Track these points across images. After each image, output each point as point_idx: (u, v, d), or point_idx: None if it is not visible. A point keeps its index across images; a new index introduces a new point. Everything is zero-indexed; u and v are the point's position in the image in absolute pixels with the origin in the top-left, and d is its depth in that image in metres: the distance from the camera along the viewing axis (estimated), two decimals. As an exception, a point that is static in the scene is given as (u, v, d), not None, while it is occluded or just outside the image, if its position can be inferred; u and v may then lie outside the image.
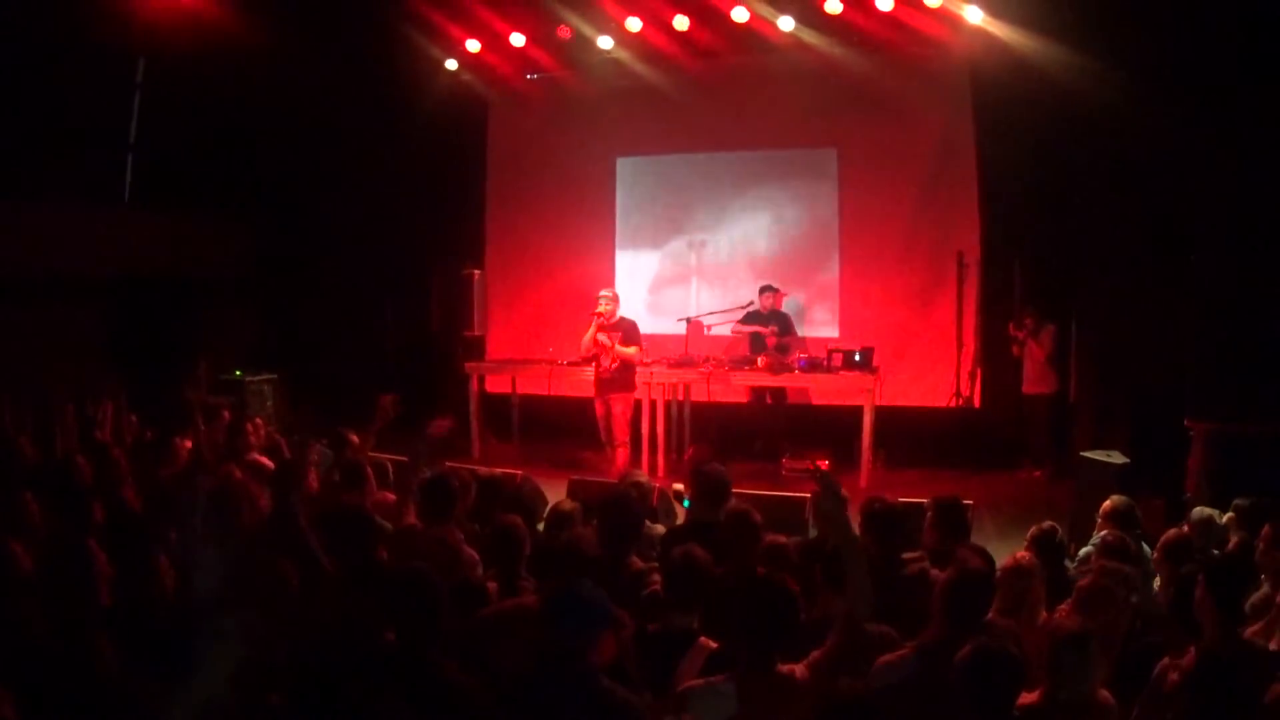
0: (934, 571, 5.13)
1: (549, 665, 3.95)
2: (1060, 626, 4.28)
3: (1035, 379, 12.32)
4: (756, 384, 12.97)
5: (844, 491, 6.46)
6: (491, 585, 5.40)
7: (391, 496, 7.26)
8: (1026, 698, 4.09)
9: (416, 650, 4.19)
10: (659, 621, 4.73)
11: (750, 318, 13.24)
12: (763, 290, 13.31)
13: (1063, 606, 5.30)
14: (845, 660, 4.36)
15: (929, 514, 6.30)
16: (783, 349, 12.87)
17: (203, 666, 4.06)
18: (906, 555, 5.84)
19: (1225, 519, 6.95)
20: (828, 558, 5.06)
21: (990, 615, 5.08)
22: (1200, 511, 7.14)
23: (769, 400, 13.41)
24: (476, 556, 5.79)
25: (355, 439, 8.43)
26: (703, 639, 4.56)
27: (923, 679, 4.23)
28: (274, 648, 4.38)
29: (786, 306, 13.59)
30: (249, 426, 9.20)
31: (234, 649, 4.19)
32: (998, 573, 5.32)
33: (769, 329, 13.09)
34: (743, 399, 13.49)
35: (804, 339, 13.48)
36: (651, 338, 12.88)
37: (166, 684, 4.01)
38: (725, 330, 13.54)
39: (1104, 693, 4.26)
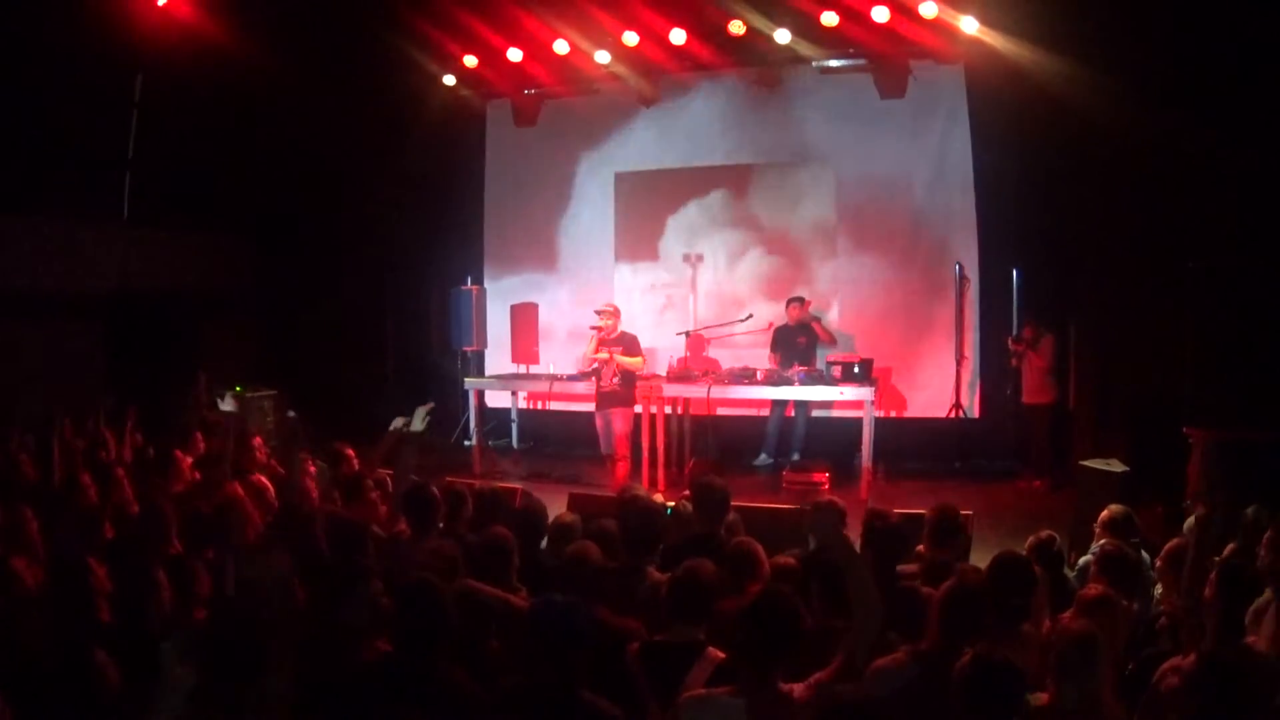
0: (925, 589, 5.11)
1: (531, 677, 4.01)
2: (1066, 629, 4.28)
3: (1035, 389, 12.31)
4: (755, 397, 12.94)
5: (843, 504, 6.49)
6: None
7: (386, 509, 7.31)
8: (1038, 699, 4.10)
9: (423, 659, 4.22)
10: (665, 633, 4.73)
11: (781, 331, 13.27)
12: (790, 302, 13.32)
13: (1065, 616, 5.29)
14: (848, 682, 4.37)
15: (928, 524, 6.31)
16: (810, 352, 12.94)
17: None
18: (901, 568, 5.84)
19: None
20: (824, 573, 5.05)
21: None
22: (1190, 521, 7.16)
23: (789, 413, 13.42)
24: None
25: (352, 453, 8.45)
26: (711, 649, 4.57)
27: (917, 687, 4.23)
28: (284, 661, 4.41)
29: (780, 319, 13.57)
30: (254, 444, 9.17)
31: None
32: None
33: (799, 340, 13.12)
34: (750, 411, 13.51)
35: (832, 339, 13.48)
36: (650, 351, 12.88)
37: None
38: (724, 344, 13.61)
39: (1111, 699, 4.26)
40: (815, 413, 13.46)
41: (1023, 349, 12.27)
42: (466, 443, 14.08)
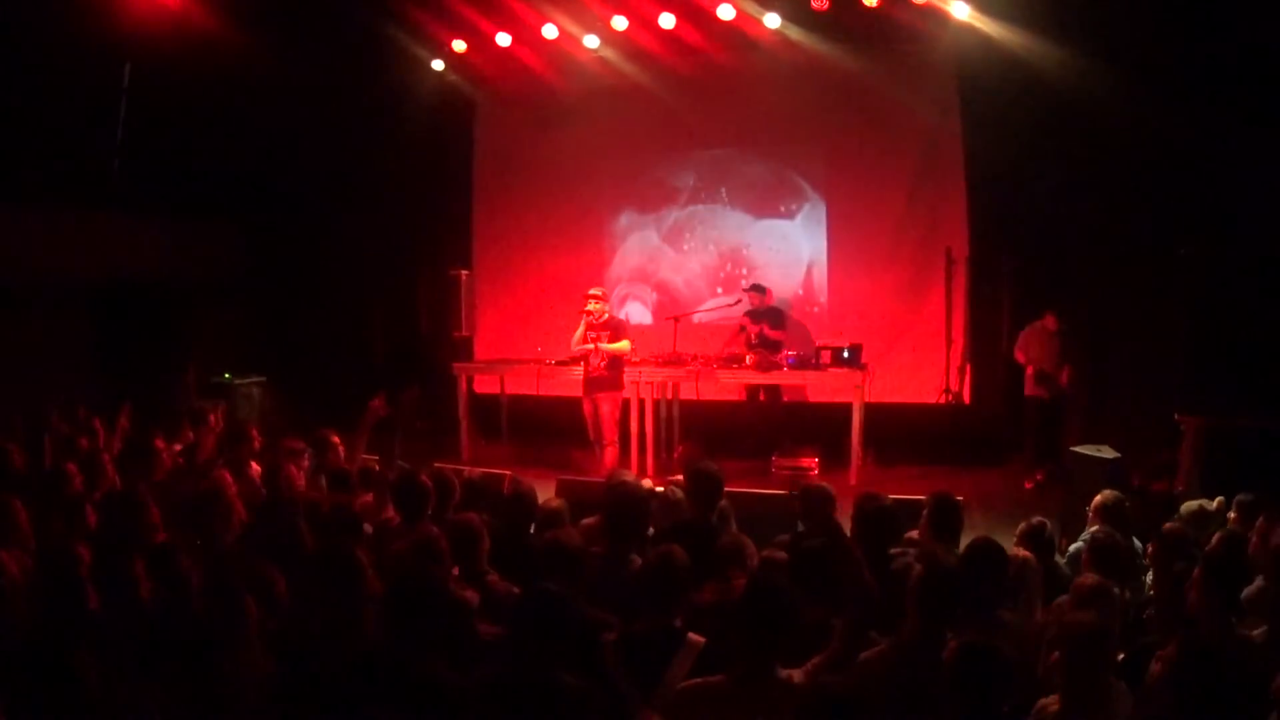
0: (918, 567, 5.11)
1: (516, 664, 4.01)
2: (1075, 624, 4.24)
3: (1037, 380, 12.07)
4: (745, 382, 12.93)
5: (833, 489, 6.48)
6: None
7: (370, 497, 7.29)
8: (1046, 705, 4.07)
9: (405, 649, 4.22)
10: (642, 622, 4.72)
11: (754, 315, 13.22)
12: (751, 289, 13.32)
13: (1060, 601, 5.29)
14: (844, 666, 4.36)
15: (926, 511, 6.27)
16: (768, 344, 12.83)
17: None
18: (893, 551, 5.82)
19: (1215, 503, 7.01)
20: (811, 559, 5.04)
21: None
22: (1189, 505, 7.17)
23: (763, 398, 13.37)
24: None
25: (338, 440, 8.42)
26: (691, 635, 4.55)
27: (901, 675, 4.22)
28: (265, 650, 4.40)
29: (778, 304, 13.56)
30: (253, 433, 9.08)
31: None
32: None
33: (757, 325, 13.06)
34: (732, 397, 13.47)
35: (786, 335, 13.23)
36: (640, 336, 12.84)
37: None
38: (713, 330, 13.58)
39: (1118, 683, 4.25)
40: (809, 399, 13.45)
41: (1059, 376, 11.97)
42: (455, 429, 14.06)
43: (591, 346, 11.78)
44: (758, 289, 13.26)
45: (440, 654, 4.29)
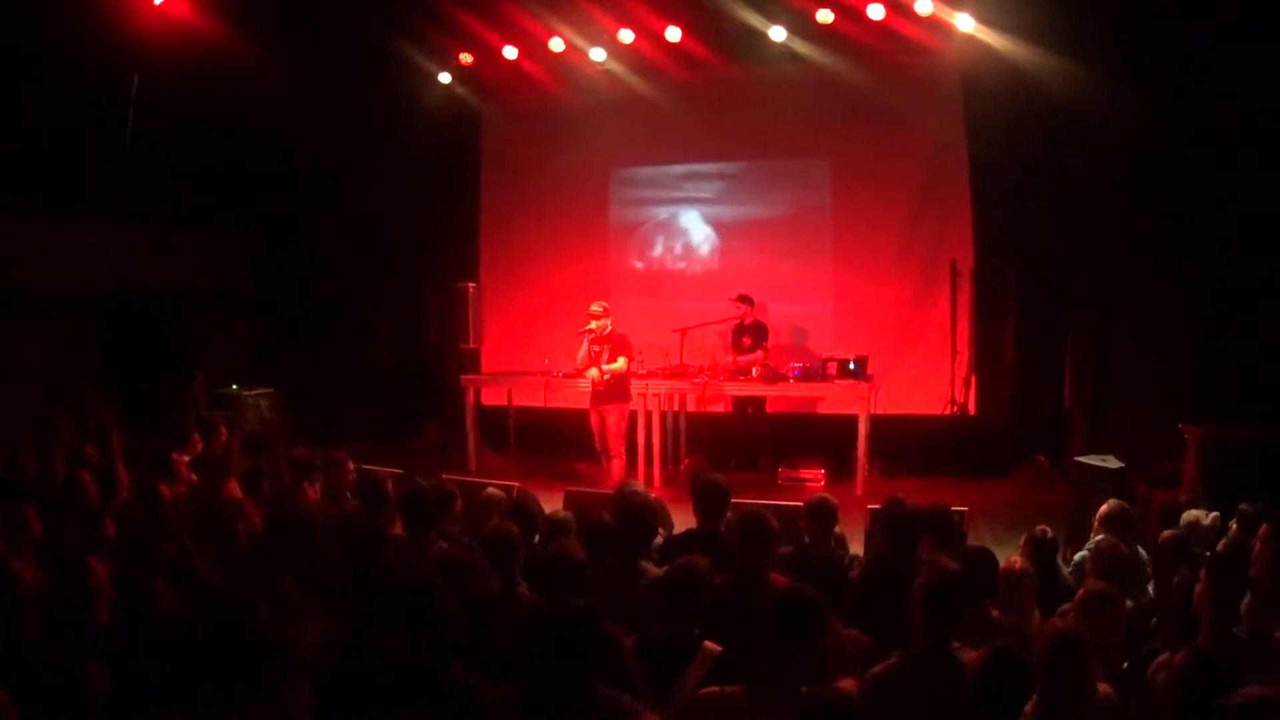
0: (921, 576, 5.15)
1: (549, 679, 3.95)
2: (1053, 629, 4.27)
3: None
4: (751, 394, 12.94)
5: (837, 500, 6.51)
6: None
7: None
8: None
9: (428, 658, 4.22)
10: (659, 627, 4.74)
11: (735, 329, 13.25)
12: (739, 299, 13.26)
13: (1064, 610, 5.32)
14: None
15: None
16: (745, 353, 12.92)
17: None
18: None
19: (1210, 518, 7.05)
20: (812, 570, 5.06)
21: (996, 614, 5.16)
22: (1189, 515, 7.20)
23: (749, 410, 13.40)
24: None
25: (351, 465, 8.42)
26: (707, 644, 4.57)
27: (915, 687, 4.23)
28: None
29: (775, 316, 13.60)
30: (275, 446, 9.07)
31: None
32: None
33: (744, 341, 13.11)
34: (719, 409, 13.51)
35: (765, 353, 13.15)
36: (645, 348, 12.83)
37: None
38: (719, 341, 13.58)
39: (1104, 688, 4.26)
40: (789, 409, 13.50)
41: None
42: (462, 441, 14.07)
43: (596, 373, 11.81)
44: (745, 299, 13.24)
45: (466, 663, 4.30)
